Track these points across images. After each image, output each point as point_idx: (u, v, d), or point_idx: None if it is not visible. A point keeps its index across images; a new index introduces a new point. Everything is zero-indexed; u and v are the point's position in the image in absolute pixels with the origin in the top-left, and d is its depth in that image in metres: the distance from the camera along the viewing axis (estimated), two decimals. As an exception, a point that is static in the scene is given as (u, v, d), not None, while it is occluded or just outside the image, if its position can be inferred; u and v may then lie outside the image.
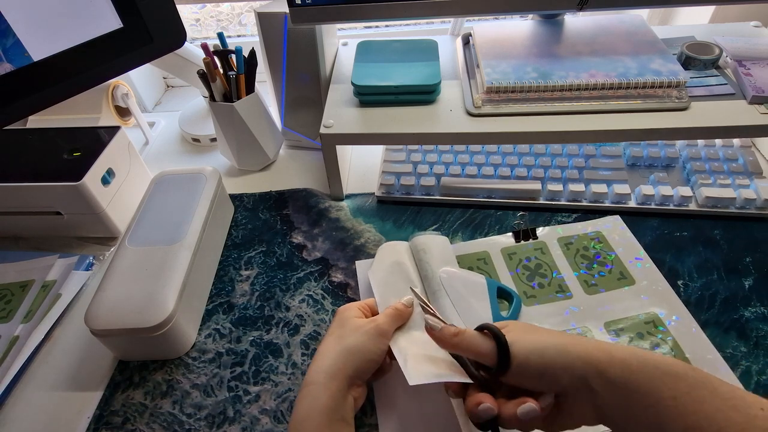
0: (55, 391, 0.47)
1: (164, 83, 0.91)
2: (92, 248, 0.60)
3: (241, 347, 0.49)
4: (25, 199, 0.56)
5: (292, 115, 0.68)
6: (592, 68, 0.55)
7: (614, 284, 0.50)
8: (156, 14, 0.52)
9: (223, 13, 0.89)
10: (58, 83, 0.48)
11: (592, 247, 0.54)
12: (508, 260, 0.53)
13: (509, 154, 0.63)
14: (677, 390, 0.28)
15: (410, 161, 0.63)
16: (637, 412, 0.29)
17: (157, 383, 0.47)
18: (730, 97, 0.54)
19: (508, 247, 0.55)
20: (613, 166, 0.60)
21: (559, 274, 0.51)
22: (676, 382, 0.28)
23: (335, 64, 0.66)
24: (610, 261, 0.52)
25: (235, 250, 0.58)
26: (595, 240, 0.54)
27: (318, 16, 0.54)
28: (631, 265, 0.52)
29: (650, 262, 0.51)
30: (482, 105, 0.56)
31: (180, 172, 0.58)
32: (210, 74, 0.59)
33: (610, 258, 0.52)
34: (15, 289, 0.54)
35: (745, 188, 0.56)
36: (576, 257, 0.53)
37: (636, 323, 0.46)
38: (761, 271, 0.51)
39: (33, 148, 0.60)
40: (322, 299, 0.52)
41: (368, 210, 0.61)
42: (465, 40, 0.66)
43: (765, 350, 0.44)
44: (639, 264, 0.52)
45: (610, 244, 0.54)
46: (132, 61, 0.53)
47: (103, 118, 0.72)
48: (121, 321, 0.44)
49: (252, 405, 0.44)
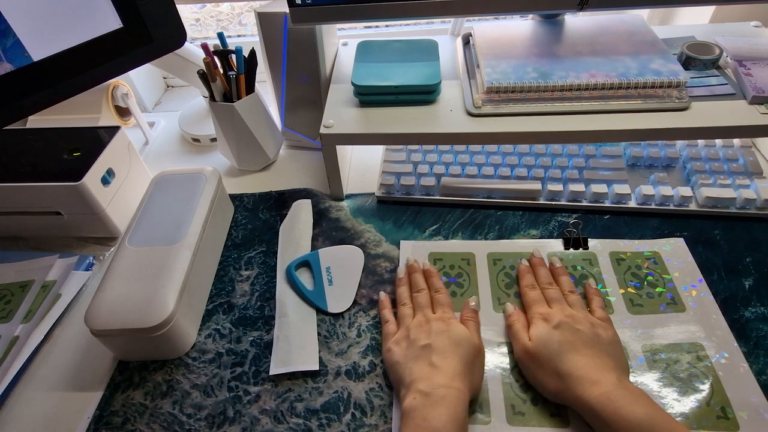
0: (55, 391, 0.47)
1: (164, 83, 0.91)
2: (92, 248, 0.60)
3: (241, 347, 0.49)
4: (25, 199, 0.56)
5: (292, 115, 0.68)
6: (593, 68, 0.55)
7: (662, 308, 0.48)
8: (156, 14, 0.52)
9: (223, 13, 0.89)
10: (58, 83, 0.48)
11: (646, 267, 0.51)
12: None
13: (509, 154, 0.63)
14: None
15: (410, 161, 0.63)
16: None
17: (157, 383, 0.47)
18: (730, 97, 0.54)
19: (554, 252, 0.54)
20: (614, 166, 0.60)
21: (604, 288, 0.50)
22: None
23: (335, 64, 0.66)
24: (662, 284, 0.50)
25: (235, 250, 0.58)
26: (650, 260, 0.52)
27: (318, 16, 0.54)
28: (686, 291, 0.49)
29: (707, 291, 0.49)
30: (482, 105, 0.56)
31: (180, 172, 0.58)
32: (210, 74, 0.59)
33: (664, 280, 0.50)
34: (15, 290, 0.54)
35: (745, 188, 0.56)
36: (626, 274, 0.51)
37: (677, 351, 0.44)
38: (761, 271, 0.51)
39: (33, 148, 0.59)
40: (322, 299, 0.52)
41: (368, 210, 0.61)
42: (465, 40, 0.66)
43: (765, 350, 0.44)
44: (695, 292, 0.49)
45: (666, 266, 0.51)
46: (132, 61, 0.53)
47: (103, 118, 0.72)
48: (121, 321, 0.44)
49: (252, 405, 0.44)
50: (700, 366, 0.43)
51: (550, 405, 0.41)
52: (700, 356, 0.44)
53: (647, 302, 0.48)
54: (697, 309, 0.47)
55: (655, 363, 0.44)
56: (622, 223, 0.56)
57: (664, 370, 0.43)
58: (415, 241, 0.57)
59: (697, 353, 0.44)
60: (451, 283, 0.52)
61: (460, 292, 0.51)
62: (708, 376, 0.42)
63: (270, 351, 0.48)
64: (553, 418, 0.40)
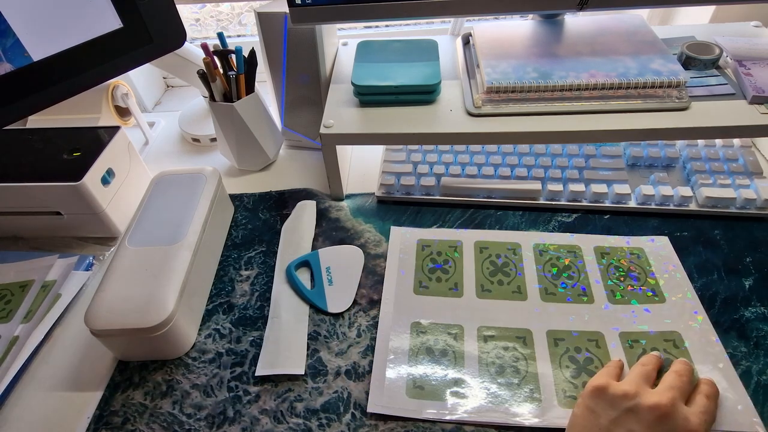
0: (55, 391, 0.47)
1: (164, 83, 0.91)
2: (92, 248, 0.60)
3: (241, 347, 0.49)
4: (25, 199, 0.56)
5: (292, 115, 0.68)
6: (593, 68, 0.55)
7: (643, 299, 0.49)
8: (156, 14, 0.52)
9: (223, 13, 0.89)
10: (58, 83, 0.48)
11: (629, 261, 0.52)
12: (537, 255, 0.54)
13: (509, 154, 0.63)
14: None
15: (410, 161, 0.63)
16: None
17: (157, 383, 0.47)
18: (730, 97, 0.54)
19: (541, 244, 0.55)
20: (613, 166, 0.60)
21: (586, 278, 0.51)
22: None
23: (335, 64, 0.66)
24: (644, 278, 0.51)
25: (235, 250, 0.58)
26: (634, 255, 0.53)
27: (318, 16, 0.54)
28: (664, 281, 0.50)
29: (682, 272, 0.51)
30: (482, 105, 0.56)
31: (180, 172, 0.58)
32: (210, 74, 0.59)
33: (646, 272, 0.51)
34: (15, 289, 0.54)
35: (745, 188, 0.56)
36: (609, 268, 0.52)
37: (653, 339, 0.46)
38: (761, 271, 0.51)
39: (33, 148, 0.59)
40: (322, 299, 0.52)
41: (368, 210, 0.61)
42: (465, 40, 0.66)
43: (765, 350, 0.44)
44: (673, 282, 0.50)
45: (649, 260, 0.52)
46: (132, 61, 0.53)
47: (103, 118, 0.72)
48: (121, 321, 0.44)
49: (252, 405, 0.44)
50: (675, 352, 0.45)
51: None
52: (677, 343, 0.45)
53: (628, 293, 0.50)
54: (674, 295, 0.49)
55: (633, 349, 0.45)
56: (622, 223, 0.56)
57: (639, 355, 0.44)
58: (405, 227, 0.58)
59: (673, 341, 0.45)
60: (437, 269, 0.53)
61: (446, 277, 0.52)
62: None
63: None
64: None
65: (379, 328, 0.48)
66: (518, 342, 0.46)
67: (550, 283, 0.51)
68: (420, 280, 0.52)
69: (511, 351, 0.46)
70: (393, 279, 0.53)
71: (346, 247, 0.56)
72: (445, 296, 0.51)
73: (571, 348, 0.46)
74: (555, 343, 0.46)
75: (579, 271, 0.52)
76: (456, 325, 0.48)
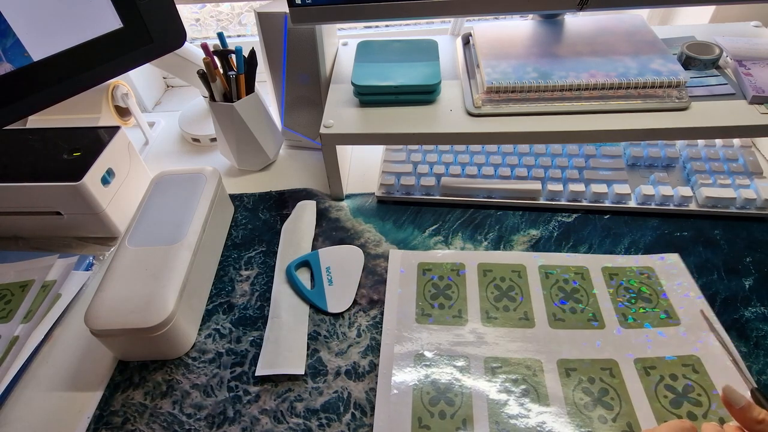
0: (55, 391, 0.47)
1: (164, 83, 0.91)
2: (92, 248, 0.60)
3: (241, 347, 0.49)
4: (25, 199, 0.56)
5: (292, 115, 0.68)
6: (592, 68, 0.55)
7: (656, 322, 0.47)
8: (156, 14, 0.52)
9: (223, 13, 0.89)
10: (58, 83, 0.48)
11: (640, 281, 0.50)
12: (543, 279, 0.51)
13: (509, 154, 0.63)
14: None
15: (410, 161, 0.63)
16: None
17: (157, 383, 0.47)
18: (730, 97, 0.54)
19: (544, 264, 0.52)
20: (613, 166, 0.60)
21: (595, 302, 0.49)
22: None
23: (335, 64, 0.66)
24: (656, 299, 0.49)
25: (235, 250, 0.58)
26: (644, 275, 0.51)
27: (318, 16, 0.54)
28: (679, 304, 0.48)
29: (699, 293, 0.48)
30: (482, 105, 0.56)
31: (180, 172, 0.58)
32: (210, 74, 0.59)
33: (657, 293, 0.49)
34: (15, 289, 0.54)
35: (745, 188, 0.56)
36: (618, 290, 0.50)
37: (670, 365, 0.43)
38: (761, 271, 0.51)
39: (33, 148, 0.59)
40: (322, 299, 0.52)
41: (368, 210, 0.61)
42: (465, 40, 0.66)
43: (765, 350, 0.44)
44: (687, 302, 0.48)
45: (660, 280, 0.50)
46: (132, 61, 0.53)
47: (103, 118, 0.72)
48: (121, 321, 0.44)
49: (252, 405, 0.44)
50: (694, 376, 0.42)
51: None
52: (695, 368, 0.43)
53: (639, 316, 0.47)
54: (689, 317, 0.46)
55: (650, 377, 0.43)
56: (622, 223, 0.56)
57: (656, 384, 0.42)
58: (404, 250, 0.56)
59: (692, 365, 0.43)
60: (439, 296, 0.50)
61: (448, 304, 0.50)
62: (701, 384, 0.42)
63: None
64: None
65: (380, 361, 0.46)
66: (528, 371, 0.44)
67: (558, 309, 0.48)
68: (422, 307, 0.50)
69: (521, 384, 0.43)
70: (393, 307, 0.50)
71: (346, 247, 0.56)
72: (449, 324, 0.48)
73: (584, 378, 0.43)
74: (567, 373, 0.43)
75: (588, 295, 0.49)
76: (462, 356, 0.45)
